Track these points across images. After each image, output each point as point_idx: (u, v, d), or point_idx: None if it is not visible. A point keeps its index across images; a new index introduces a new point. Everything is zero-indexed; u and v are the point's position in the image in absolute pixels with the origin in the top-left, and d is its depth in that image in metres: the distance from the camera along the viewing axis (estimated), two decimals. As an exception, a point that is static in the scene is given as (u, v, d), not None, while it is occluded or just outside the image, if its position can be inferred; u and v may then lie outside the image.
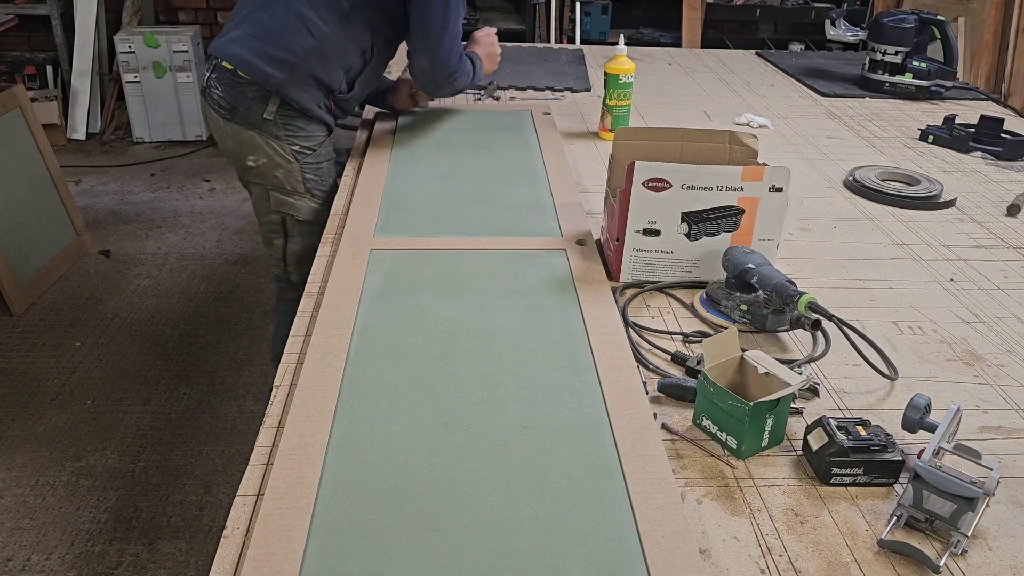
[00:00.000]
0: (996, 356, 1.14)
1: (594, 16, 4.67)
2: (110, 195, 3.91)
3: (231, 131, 1.74)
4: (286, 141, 1.72)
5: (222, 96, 1.71)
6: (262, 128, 1.70)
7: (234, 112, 1.71)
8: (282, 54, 1.65)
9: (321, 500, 0.83)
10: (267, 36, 1.67)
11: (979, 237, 1.53)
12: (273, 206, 1.79)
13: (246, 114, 1.69)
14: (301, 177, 1.75)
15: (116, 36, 4.30)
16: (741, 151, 1.33)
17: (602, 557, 0.77)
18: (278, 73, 1.65)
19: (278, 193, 1.77)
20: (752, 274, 1.17)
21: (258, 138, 1.71)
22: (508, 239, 1.40)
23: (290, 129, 1.71)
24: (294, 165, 1.74)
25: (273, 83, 1.66)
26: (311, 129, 1.75)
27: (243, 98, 1.69)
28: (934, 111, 2.29)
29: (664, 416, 1.00)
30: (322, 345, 1.07)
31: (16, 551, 1.94)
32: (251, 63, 1.66)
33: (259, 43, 1.67)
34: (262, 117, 1.69)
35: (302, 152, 1.74)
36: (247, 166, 1.76)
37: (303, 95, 1.69)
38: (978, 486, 0.80)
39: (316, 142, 1.76)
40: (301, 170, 1.75)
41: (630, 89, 1.89)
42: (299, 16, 1.66)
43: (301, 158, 1.74)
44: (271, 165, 1.74)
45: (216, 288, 3.13)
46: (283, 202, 1.78)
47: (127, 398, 2.48)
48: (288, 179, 1.75)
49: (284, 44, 1.66)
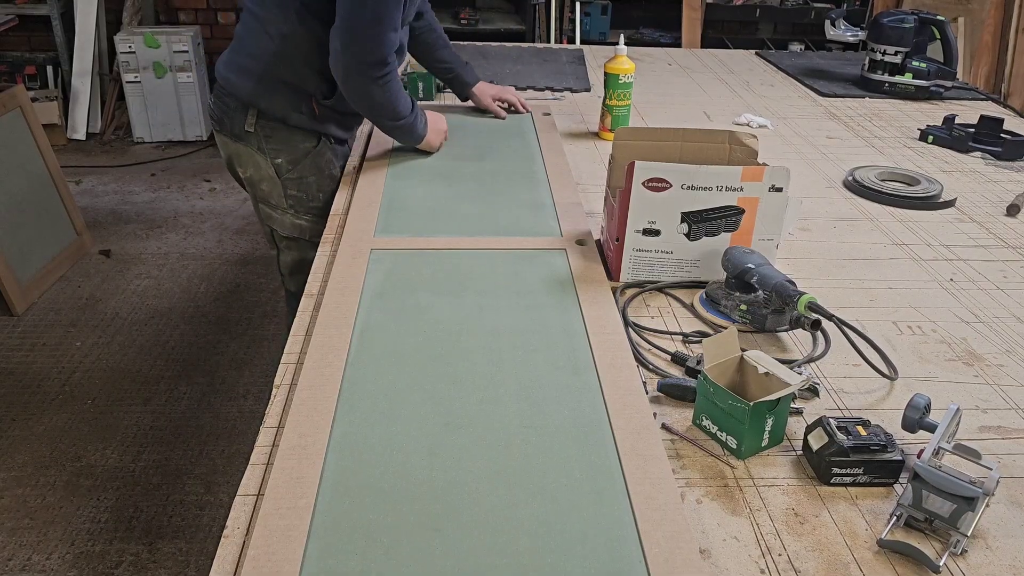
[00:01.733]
0: (996, 356, 1.15)
1: (594, 16, 4.67)
2: (110, 195, 3.92)
3: (222, 142, 1.74)
4: (269, 155, 1.67)
5: (213, 107, 1.72)
6: (246, 141, 1.67)
7: (222, 124, 1.70)
8: (246, 61, 1.62)
9: (321, 500, 0.83)
10: (237, 45, 1.66)
11: (979, 237, 1.53)
12: (263, 219, 1.78)
13: (231, 126, 1.67)
14: (283, 192, 1.71)
15: (116, 36, 4.30)
16: (741, 151, 1.33)
17: (602, 557, 0.77)
18: (247, 82, 1.62)
19: (264, 206, 1.75)
20: (752, 274, 1.17)
21: (244, 150, 1.69)
22: (508, 239, 1.40)
23: (272, 142, 1.66)
24: (276, 180, 1.70)
25: (244, 94, 1.63)
26: (295, 140, 1.67)
27: (228, 110, 1.67)
28: (934, 111, 2.29)
29: (664, 416, 1.00)
30: (322, 345, 1.08)
31: (16, 551, 1.94)
32: (223, 74, 1.66)
33: (231, 53, 1.66)
34: (244, 129, 1.66)
35: (285, 167, 1.68)
36: (239, 177, 1.76)
37: (275, 103, 1.63)
38: (978, 486, 0.80)
39: (300, 154, 1.68)
40: (283, 185, 1.70)
41: (630, 89, 1.89)
42: (256, 18, 1.61)
43: (283, 173, 1.69)
44: (259, 177, 1.71)
45: (216, 288, 3.13)
46: (269, 216, 1.76)
47: (127, 398, 2.48)
48: (272, 193, 1.71)
49: (247, 50, 1.62)
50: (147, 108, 4.42)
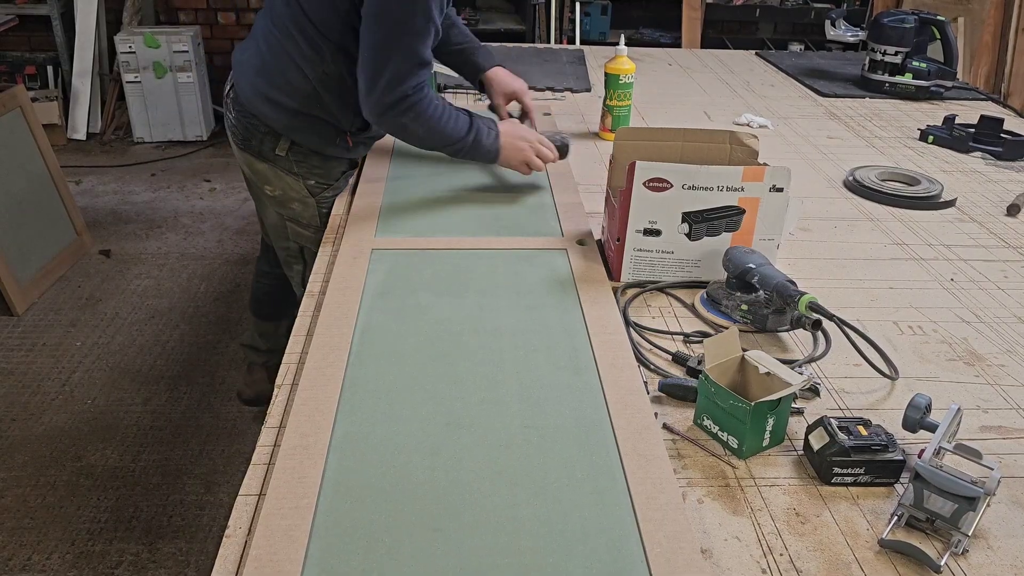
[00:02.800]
0: (996, 356, 1.15)
1: (594, 16, 4.67)
2: (110, 195, 3.92)
3: (246, 160, 1.67)
4: (302, 176, 1.63)
5: (235, 124, 1.64)
6: (275, 162, 1.62)
7: (248, 144, 1.63)
8: (280, 98, 1.54)
9: (323, 500, 0.83)
10: (267, 72, 1.55)
11: (979, 237, 1.53)
12: (291, 236, 1.74)
13: (259, 148, 1.62)
14: (317, 212, 1.67)
15: (116, 36, 4.30)
16: (741, 151, 1.33)
17: (603, 557, 0.77)
18: (280, 116, 1.56)
19: (295, 225, 1.71)
20: (753, 274, 1.17)
21: (272, 171, 1.64)
22: (509, 239, 1.40)
23: (305, 166, 1.62)
24: (310, 200, 1.66)
25: (277, 126, 1.57)
26: (329, 166, 1.65)
27: (255, 132, 1.61)
28: (934, 111, 2.29)
29: (665, 416, 1.00)
30: (323, 345, 1.08)
31: (16, 551, 1.94)
32: (253, 102, 1.57)
33: (260, 79, 1.56)
34: (274, 153, 1.61)
35: (318, 187, 1.65)
36: (265, 194, 1.70)
37: (312, 137, 1.59)
38: (979, 486, 0.80)
39: (335, 176, 1.66)
40: (317, 204, 1.67)
41: (630, 89, 1.89)
42: (286, 51, 1.51)
43: (318, 192, 1.66)
44: (288, 198, 1.67)
45: (216, 288, 3.13)
46: (300, 235, 1.72)
47: (127, 398, 2.48)
48: (304, 212, 1.68)
49: (280, 86, 1.54)
50: (147, 108, 4.42)
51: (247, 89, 1.59)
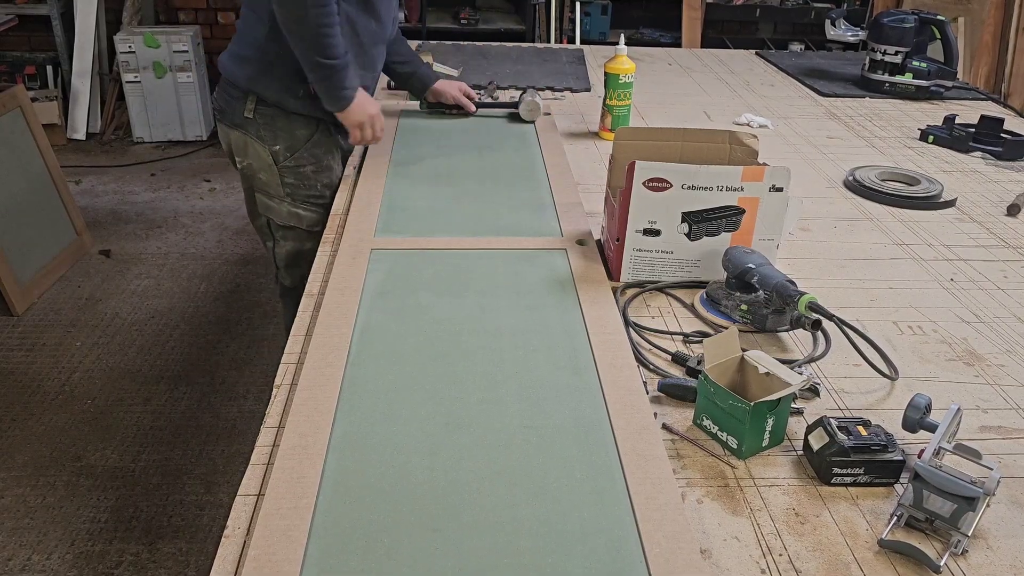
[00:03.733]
0: (996, 356, 1.15)
1: (594, 16, 4.67)
2: (110, 195, 3.91)
3: (223, 132, 1.77)
4: (267, 142, 1.70)
5: (216, 98, 1.76)
6: (246, 128, 1.70)
7: (224, 114, 1.73)
8: (244, 50, 1.66)
9: (322, 500, 0.83)
10: (237, 37, 1.70)
11: (979, 237, 1.53)
12: (259, 209, 1.79)
13: (232, 114, 1.70)
14: (280, 180, 1.73)
15: (116, 36, 4.30)
16: (741, 151, 1.33)
17: (603, 557, 0.77)
18: (245, 69, 1.66)
19: (262, 196, 1.77)
20: (752, 274, 1.17)
21: (243, 138, 1.71)
22: (508, 239, 1.40)
23: (270, 129, 1.69)
24: (274, 168, 1.72)
25: (243, 80, 1.66)
26: (293, 127, 1.70)
27: (229, 98, 1.71)
28: (934, 111, 2.29)
29: (664, 416, 1.00)
30: (323, 345, 1.07)
31: (16, 551, 1.94)
32: (224, 64, 1.70)
33: (232, 45, 1.70)
34: (243, 116, 1.69)
35: (282, 154, 1.71)
36: (237, 167, 1.78)
37: (272, 87, 1.65)
38: (978, 486, 0.80)
39: (299, 141, 1.71)
40: (280, 173, 1.72)
41: (630, 89, 1.89)
42: (250, 7, 1.64)
43: (280, 160, 1.71)
44: (255, 167, 1.73)
45: (216, 288, 3.13)
46: (266, 205, 1.77)
47: (127, 398, 2.48)
48: (270, 182, 1.74)
49: (244, 40, 1.66)
50: (147, 108, 4.42)
51: (223, 58, 1.71)
